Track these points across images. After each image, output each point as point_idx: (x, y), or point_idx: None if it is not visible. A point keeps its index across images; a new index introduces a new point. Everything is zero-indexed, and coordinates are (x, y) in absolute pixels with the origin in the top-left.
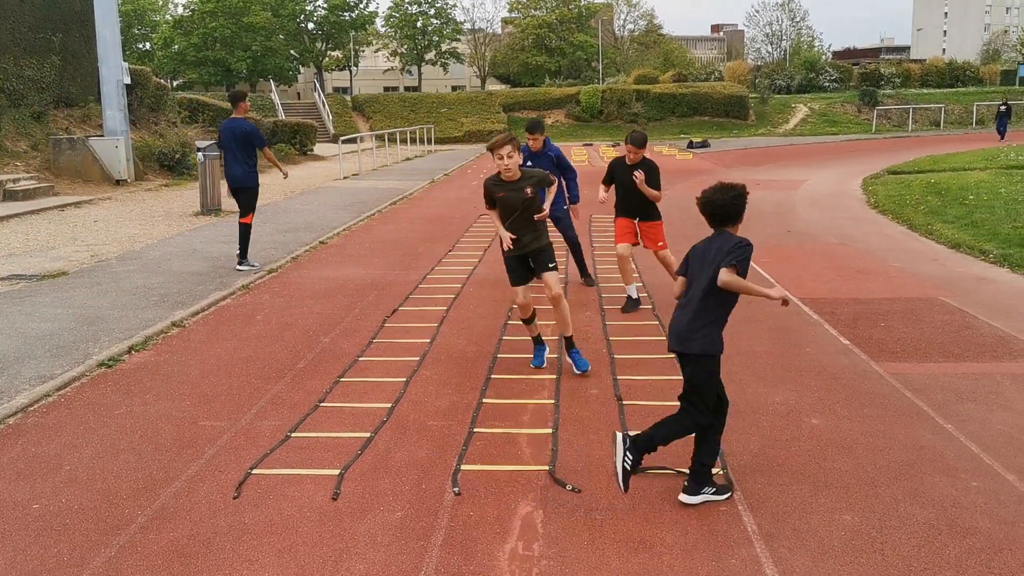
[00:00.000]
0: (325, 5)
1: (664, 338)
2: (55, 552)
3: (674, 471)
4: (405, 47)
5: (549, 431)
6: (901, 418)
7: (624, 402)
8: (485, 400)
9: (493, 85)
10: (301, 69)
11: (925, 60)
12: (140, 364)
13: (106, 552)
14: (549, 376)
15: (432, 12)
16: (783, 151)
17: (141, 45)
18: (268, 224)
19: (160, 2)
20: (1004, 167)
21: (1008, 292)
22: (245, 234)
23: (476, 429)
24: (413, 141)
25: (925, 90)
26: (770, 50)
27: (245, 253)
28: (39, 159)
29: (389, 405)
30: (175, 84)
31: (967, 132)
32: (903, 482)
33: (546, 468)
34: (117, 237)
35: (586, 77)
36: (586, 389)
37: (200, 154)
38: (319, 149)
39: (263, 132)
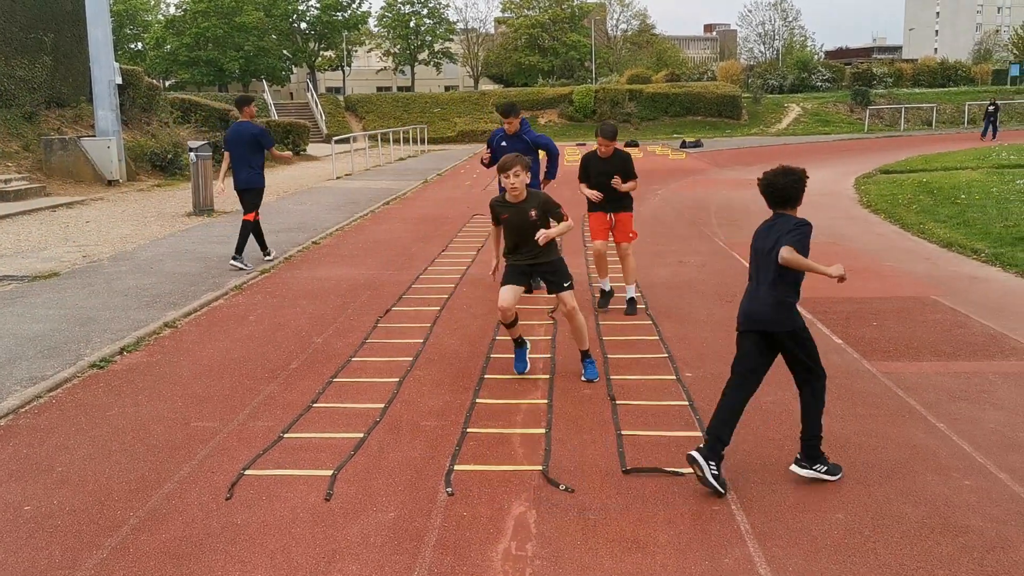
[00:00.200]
0: (318, 5)
1: (657, 338)
2: (46, 554)
3: (670, 472)
4: (398, 47)
5: (542, 431)
6: (893, 417)
7: (617, 402)
8: (478, 400)
9: (486, 85)
10: (294, 69)
11: (917, 60)
12: (132, 365)
13: (98, 554)
14: (542, 376)
15: (425, 12)
16: (776, 151)
17: (133, 45)
18: (261, 224)
19: (152, 2)
20: (996, 166)
21: (1000, 291)
22: (246, 232)
23: (469, 429)
24: (406, 141)
25: (917, 90)
26: (763, 50)
27: (241, 250)
28: (30, 159)
29: (382, 405)
30: (167, 84)
31: (959, 131)
32: (896, 481)
33: (539, 468)
34: (109, 238)
35: (579, 77)
36: (579, 389)
37: (192, 154)
38: (312, 149)
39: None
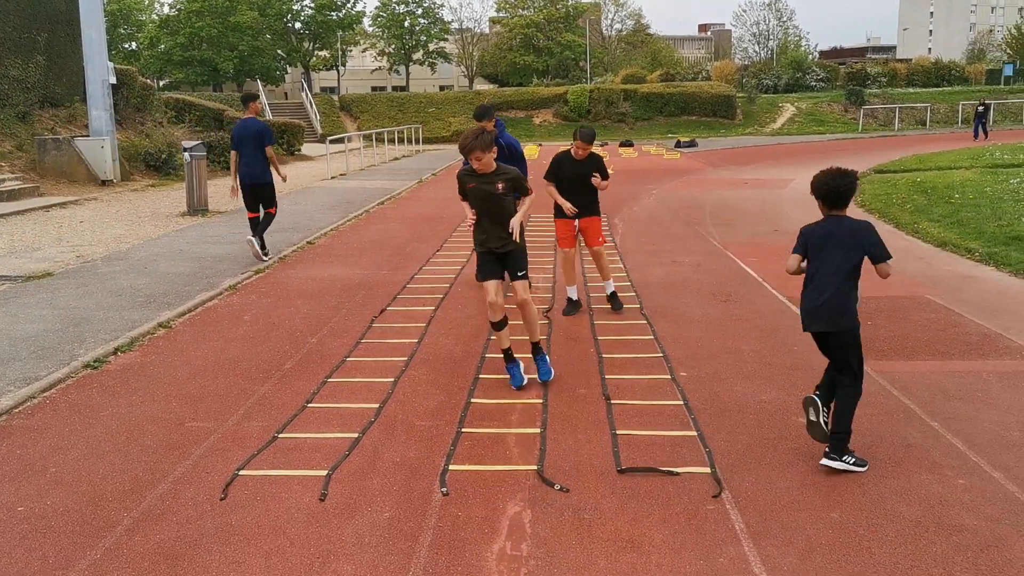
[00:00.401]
0: (312, 4)
1: (652, 337)
2: (40, 554)
3: (664, 471)
4: (393, 47)
5: (537, 431)
6: (888, 416)
7: (612, 401)
8: (473, 400)
9: (481, 85)
10: (288, 69)
11: (911, 59)
12: (126, 365)
13: (92, 554)
14: (537, 376)
15: (420, 12)
16: (770, 150)
17: (127, 45)
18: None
19: (146, 2)
20: (989, 166)
21: (994, 290)
22: (269, 220)
23: (464, 429)
24: (401, 141)
25: (911, 89)
26: (757, 50)
27: (262, 233)
28: (24, 159)
29: (377, 405)
30: (161, 84)
31: (953, 131)
32: (890, 480)
33: (534, 468)
34: (103, 238)
35: (574, 77)
36: (574, 388)
37: (186, 154)
38: (307, 149)
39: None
